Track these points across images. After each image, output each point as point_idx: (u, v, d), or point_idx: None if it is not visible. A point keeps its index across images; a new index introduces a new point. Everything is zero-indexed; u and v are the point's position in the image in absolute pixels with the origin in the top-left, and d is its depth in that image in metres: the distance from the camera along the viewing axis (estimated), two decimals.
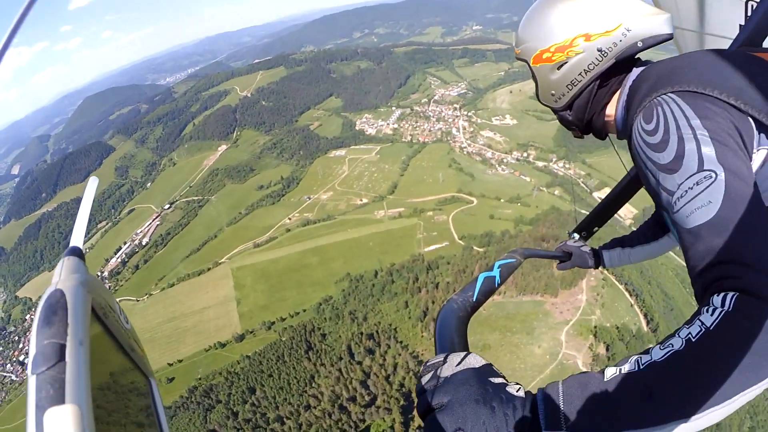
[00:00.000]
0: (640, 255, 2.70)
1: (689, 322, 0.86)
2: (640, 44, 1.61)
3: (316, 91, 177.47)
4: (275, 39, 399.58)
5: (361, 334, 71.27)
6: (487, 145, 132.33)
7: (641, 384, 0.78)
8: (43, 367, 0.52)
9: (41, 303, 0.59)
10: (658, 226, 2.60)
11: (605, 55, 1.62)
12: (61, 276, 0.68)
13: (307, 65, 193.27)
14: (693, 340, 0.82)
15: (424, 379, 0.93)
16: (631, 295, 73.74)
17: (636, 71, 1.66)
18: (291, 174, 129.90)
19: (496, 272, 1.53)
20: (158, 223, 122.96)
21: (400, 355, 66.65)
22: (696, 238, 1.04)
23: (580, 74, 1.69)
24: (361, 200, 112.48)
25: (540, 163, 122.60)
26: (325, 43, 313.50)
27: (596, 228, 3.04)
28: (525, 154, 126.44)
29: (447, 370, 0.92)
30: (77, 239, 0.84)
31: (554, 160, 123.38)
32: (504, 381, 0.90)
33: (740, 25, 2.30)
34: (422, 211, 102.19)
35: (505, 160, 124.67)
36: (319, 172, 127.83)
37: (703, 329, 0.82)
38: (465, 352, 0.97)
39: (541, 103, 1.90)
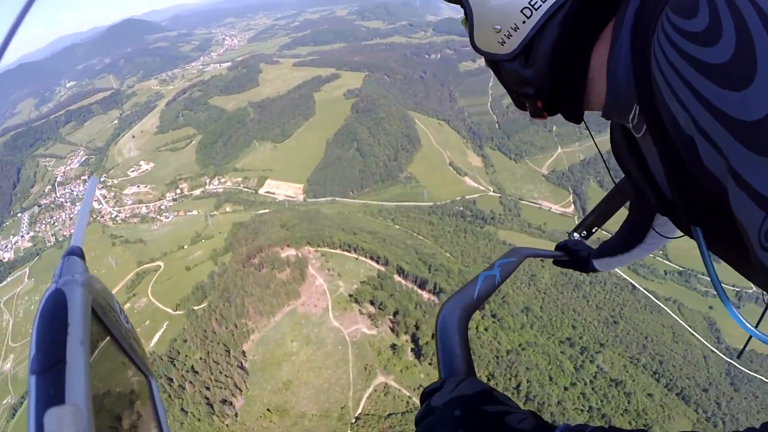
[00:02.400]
0: (626, 260, 2.36)
1: None
2: None
3: None
4: None
5: None
6: (137, 202, 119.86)
7: None
8: (43, 366, 0.51)
9: (41, 303, 0.58)
10: (635, 231, 2.11)
11: None
12: (61, 276, 0.67)
13: None
14: None
15: (420, 409, 0.86)
16: (350, 252, 75.79)
17: None
18: None
19: (496, 271, 1.43)
20: None
21: None
22: None
23: None
24: None
25: (197, 191, 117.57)
26: None
27: (596, 228, 2.91)
28: (178, 191, 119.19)
29: (439, 398, 0.83)
30: (77, 239, 0.81)
31: (207, 181, 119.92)
32: (506, 409, 0.77)
33: None
34: None
35: (163, 207, 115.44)
36: None
37: None
38: (462, 377, 0.89)
39: (478, 50, 1.19)
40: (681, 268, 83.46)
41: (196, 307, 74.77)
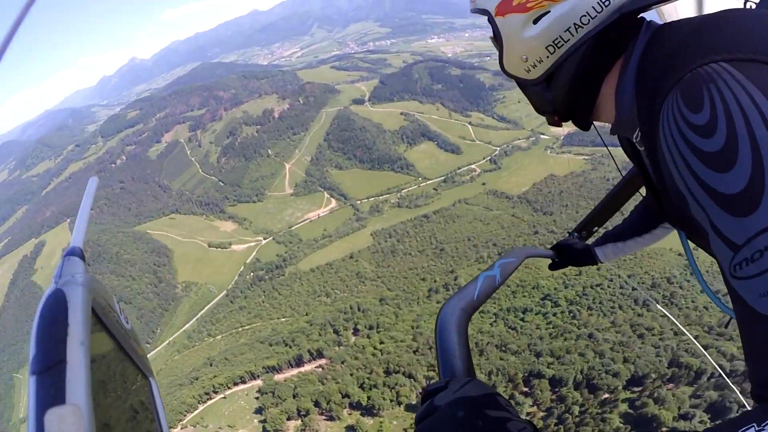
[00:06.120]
0: (633, 246, 2.12)
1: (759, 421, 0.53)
2: None
3: None
4: None
5: None
6: None
7: None
8: (44, 367, 0.50)
9: (41, 303, 0.57)
10: (650, 216, 2.01)
11: (606, 3, 0.99)
12: (61, 276, 0.65)
13: None
14: None
15: (421, 407, 0.82)
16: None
17: (646, 32, 1.06)
18: None
19: (496, 271, 1.39)
20: None
21: None
22: None
23: (567, 30, 1.04)
24: None
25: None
26: None
27: (596, 228, 2.62)
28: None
29: (443, 398, 0.79)
30: (77, 239, 0.80)
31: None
32: (508, 415, 0.74)
33: None
34: None
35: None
36: None
37: None
38: (467, 379, 0.85)
39: (506, 72, 1.25)
40: None
41: None
